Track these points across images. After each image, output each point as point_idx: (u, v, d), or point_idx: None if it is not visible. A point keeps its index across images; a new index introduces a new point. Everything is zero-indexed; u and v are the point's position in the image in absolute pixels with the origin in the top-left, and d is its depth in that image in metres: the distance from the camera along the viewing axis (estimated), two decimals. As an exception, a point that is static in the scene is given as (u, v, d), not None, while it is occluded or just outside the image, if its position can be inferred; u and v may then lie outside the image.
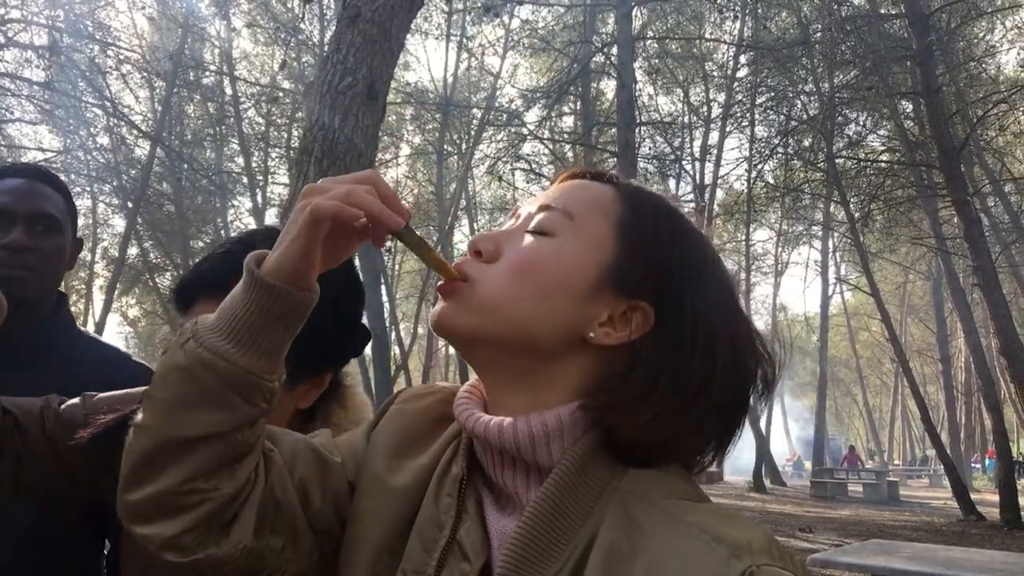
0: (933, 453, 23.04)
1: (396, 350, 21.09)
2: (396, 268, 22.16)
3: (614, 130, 13.65)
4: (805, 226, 23.98)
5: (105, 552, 1.46)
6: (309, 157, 3.61)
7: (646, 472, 0.64)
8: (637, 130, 13.39)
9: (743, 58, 18.85)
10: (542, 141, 18.09)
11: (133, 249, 20.68)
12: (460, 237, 23.09)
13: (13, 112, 16.48)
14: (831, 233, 23.54)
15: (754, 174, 17.84)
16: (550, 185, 0.77)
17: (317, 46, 18.73)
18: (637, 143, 13.76)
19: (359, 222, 0.62)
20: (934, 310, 26.37)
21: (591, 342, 0.65)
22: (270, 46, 21.54)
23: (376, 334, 14.51)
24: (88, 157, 18.69)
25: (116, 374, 1.22)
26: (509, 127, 18.40)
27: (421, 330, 22.94)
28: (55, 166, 15.26)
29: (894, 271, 27.88)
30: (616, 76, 12.81)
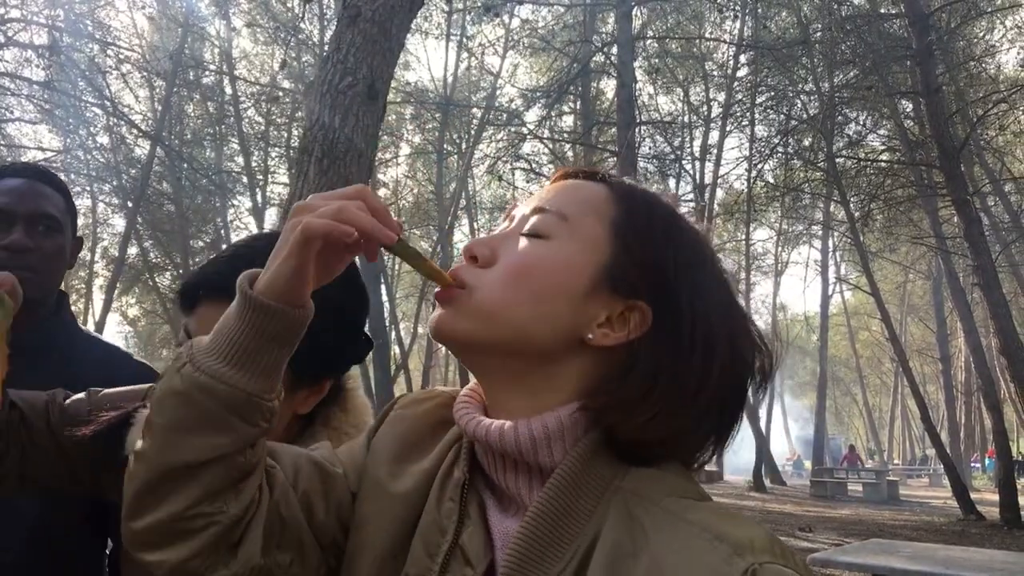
0: (933, 452, 23.03)
1: (396, 350, 21.09)
2: (396, 268, 22.14)
3: (614, 130, 13.65)
4: (805, 226, 23.99)
5: (107, 551, 1.46)
6: (309, 156, 3.61)
7: (647, 471, 0.64)
8: (637, 130, 13.38)
9: (743, 58, 18.85)
10: (542, 141, 18.07)
11: (133, 249, 20.71)
12: (460, 237, 23.12)
13: (13, 111, 16.51)
14: (831, 233, 23.55)
15: (754, 174, 17.84)
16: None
17: (317, 46, 18.72)
18: (637, 143, 13.76)
19: (350, 238, 0.62)
20: (934, 310, 26.37)
21: (589, 343, 0.65)
22: (270, 46, 21.55)
23: (376, 334, 14.51)
24: (88, 157, 18.70)
25: (117, 373, 1.22)
26: (509, 127, 18.39)
27: (421, 330, 22.91)
28: (55, 166, 15.25)
29: (894, 271, 27.89)
30: (616, 76, 12.82)
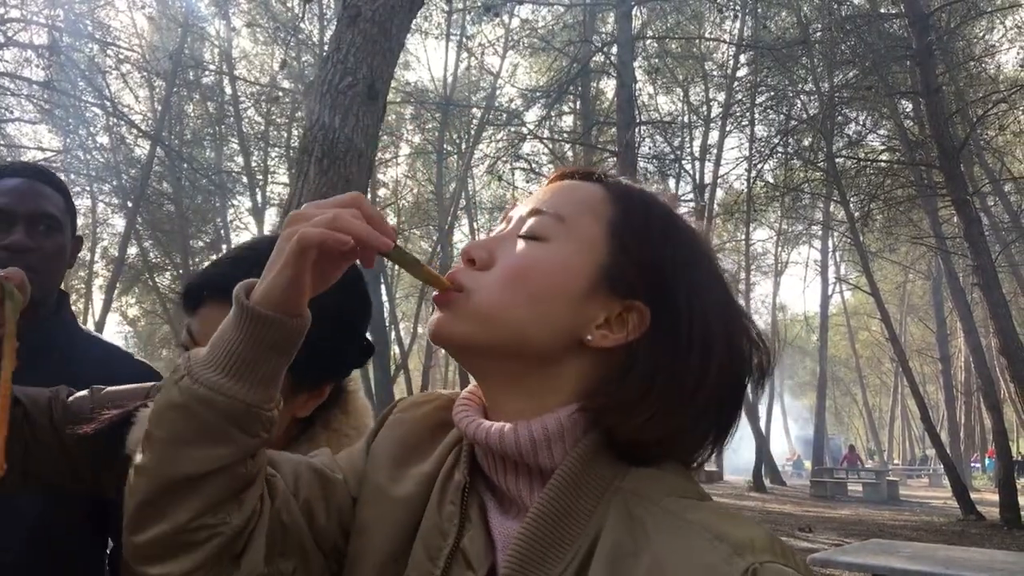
0: (933, 452, 23.04)
1: (396, 350, 21.09)
2: (396, 269, 22.06)
3: (614, 130, 13.65)
4: (805, 226, 23.97)
5: (108, 551, 1.46)
6: (309, 156, 3.61)
7: (647, 471, 0.64)
8: (637, 130, 13.38)
9: (743, 57, 18.85)
10: (542, 141, 18.07)
11: (133, 249, 20.71)
12: (460, 237, 23.11)
13: (13, 111, 16.50)
14: (831, 233, 23.55)
15: (754, 174, 17.83)
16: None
17: (317, 46, 18.73)
18: (637, 143, 13.75)
19: (346, 246, 0.62)
20: (934, 310, 26.37)
21: (588, 345, 0.65)
22: (270, 46, 21.55)
23: (376, 334, 14.51)
24: (88, 157, 18.69)
25: (117, 373, 1.22)
26: (509, 127, 18.36)
27: (421, 330, 22.89)
28: (55, 166, 15.25)
29: (894, 271, 27.89)
30: (616, 75, 12.81)
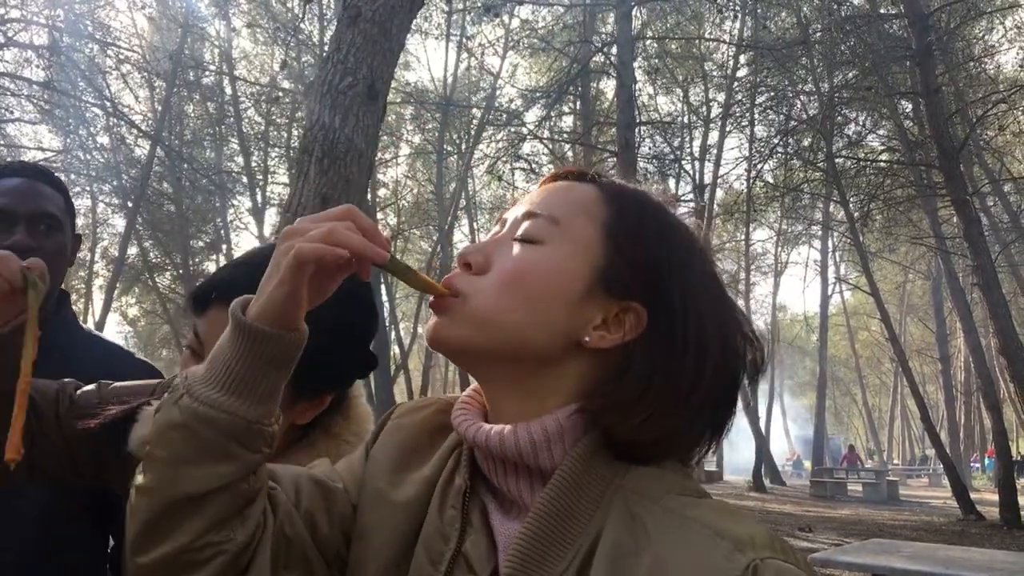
0: (933, 452, 23.04)
1: (396, 350, 21.09)
2: (396, 268, 22.08)
3: (614, 130, 13.63)
4: (805, 226, 23.96)
5: (107, 550, 1.46)
6: (309, 157, 3.62)
7: (646, 470, 0.64)
8: (637, 130, 13.36)
9: (743, 58, 18.84)
10: (542, 141, 18.07)
11: (133, 248, 20.71)
12: (460, 237, 23.13)
13: (13, 112, 16.48)
14: (830, 233, 23.55)
15: (754, 174, 17.83)
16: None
17: (317, 46, 18.72)
18: (637, 143, 13.74)
19: (343, 260, 0.62)
20: (933, 310, 26.37)
21: (586, 346, 0.66)
22: (270, 46, 21.55)
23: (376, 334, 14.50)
24: (88, 157, 18.67)
25: (118, 371, 1.21)
26: (509, 127, 18.35)
27: (420, 330, 22.87)
28: (55, 166, 15.25)
29: (894, 271, 27.89)
30: (616, 76, 12.80)
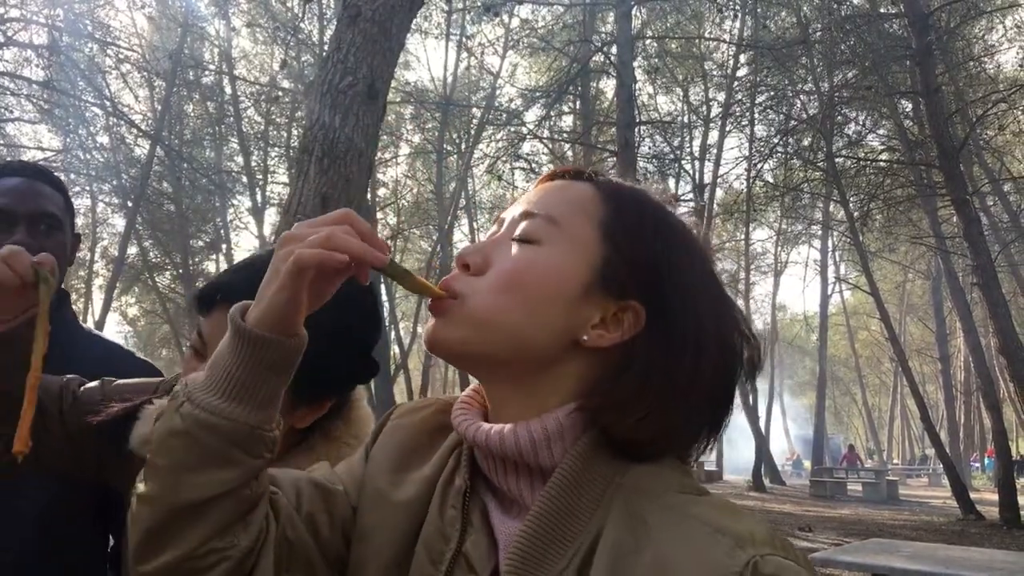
0: (932, 452, 23.03)
1: (396, 349, 21.09)
2: (396, 267, 22.08)
3: (614, 129, 13.62)
4: (804, 225, 23.96)
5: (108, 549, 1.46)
6: (309, 156, 3.61)
7: (646, 467, 0.64)
8: (637, 129, 13.35)
9: (743, 57, 18.83)
10: (542, 140, 18.05)
11: (133, 248, 20.70)
12: (460, 236, 23.11)
13: (13, 111, 16.46)
14: (830, 232, 23.54)
15: (753, 173, 17.82)
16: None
17: (317, 46, 18.70)
18: (637, 142, 13.73)
19: (342, 264, 0.62)
20: (933, 309, 26.34)
21: (585, 345, 0.66)
22: (270, 46, 21.53)
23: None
24: (88, 156, 18.66)
25: (118, 371, 1.22)
26: (509, 126, 18.34)
27: (420, 329, 22.86)
28: (55, 165, 15.24)
29: (893, 270, 27.89)
30: (615, 75, 12.79)
